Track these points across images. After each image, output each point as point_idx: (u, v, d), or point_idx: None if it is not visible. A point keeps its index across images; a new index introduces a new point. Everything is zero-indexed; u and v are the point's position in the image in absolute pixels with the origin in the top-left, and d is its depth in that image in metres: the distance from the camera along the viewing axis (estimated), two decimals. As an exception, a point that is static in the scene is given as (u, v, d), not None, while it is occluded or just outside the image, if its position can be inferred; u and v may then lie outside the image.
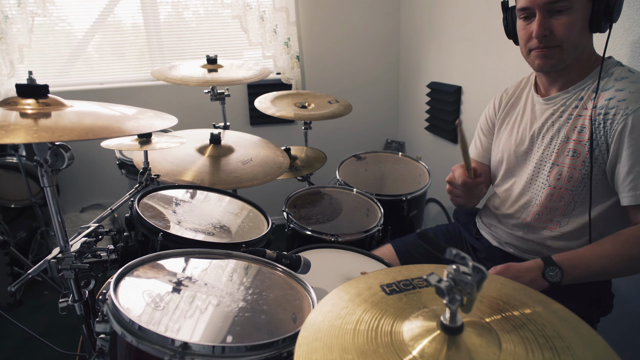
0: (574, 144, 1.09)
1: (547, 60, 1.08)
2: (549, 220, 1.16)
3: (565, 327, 0.59)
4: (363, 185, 1.85)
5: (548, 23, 1.04)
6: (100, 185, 2.80)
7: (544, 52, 1.07)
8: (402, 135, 3.16)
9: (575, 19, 1.02)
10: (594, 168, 1.06)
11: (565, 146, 1.11)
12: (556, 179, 1.12)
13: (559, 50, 1.05)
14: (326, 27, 2.84)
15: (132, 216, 1.15)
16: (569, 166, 1.10)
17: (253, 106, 1.97)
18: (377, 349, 0.54)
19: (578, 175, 1.08)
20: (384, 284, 0.68)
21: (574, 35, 1.03)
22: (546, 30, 1.04)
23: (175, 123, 1.06)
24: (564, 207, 1.13)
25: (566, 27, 1.02)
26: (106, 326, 0.76)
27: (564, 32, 1.03)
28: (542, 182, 1.16)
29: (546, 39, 1.05)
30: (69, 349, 1.30)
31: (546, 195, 1.15)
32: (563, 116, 1.12)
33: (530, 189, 1.19)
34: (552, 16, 1.03)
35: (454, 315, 0.54)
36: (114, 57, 2.70)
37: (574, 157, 1.09)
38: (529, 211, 1.19)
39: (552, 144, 1.14)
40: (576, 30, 1.03)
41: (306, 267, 1.06)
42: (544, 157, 1.16)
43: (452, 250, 0.53)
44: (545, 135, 1.16)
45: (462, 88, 2.28)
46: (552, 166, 1.13)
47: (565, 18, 1.02)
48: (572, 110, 1.11)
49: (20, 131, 0.76)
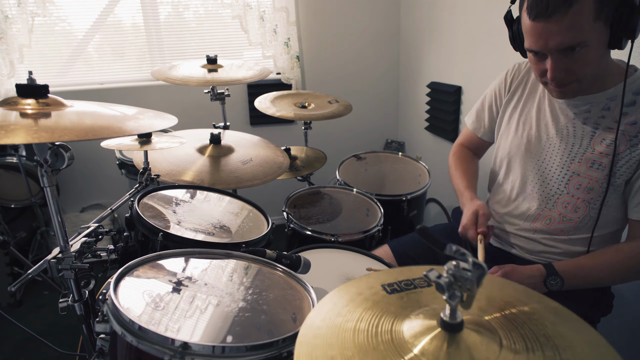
0: (599, 157, 1.06)
1: (564, 93, 1.04)
2: (559, 229, 1.14)
3: (566, 326, 0.59)
4: (363, 185, 1.85)
5: (563, 64, 0.96)
6: (100, 185, 2.80)
7: (561, 87, 1.02)
8: (402, 135, 3.16)
9: (593, 52, 0.94)
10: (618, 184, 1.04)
11: (589, 157, 1.07)
12: (575, 189, 1.10)
13: (577, 84, 1.00)
14: (326, 27, 2.84)
15: (132, 216, 1.15)
16: (591, 178, 1.07)
17: (253, 106, 1.97)
18: (377, 347, 0.54)
19: (599, 188, 1.06)
20: (386, 283, 0.68)
21: (592, 68, 0.97)
22: (562, 72, 0.97)
23: (175, 123, 1.06)
24: (577, 220, 1.11)
25: (584, 64, 0.96)
26: (106, 326, 0.76)
27: (582, 69, 0.96)
28: (558, 189, 1.13)
29: (562, 77, 0.99)
30: (69, 349, 1.30)
31: (563, 203, 1.12)
32: (587, 124, 1.07)
33: (543, 193, 1.16)
34: (567, 56, 0.95)
35: (453, 311, 0.54)
36: (114, 57, 2.70)
37: (598, 170, 1.06)
38: (537, 215, 1.17)
39: (573, 151, 1.10)
40: (595, 62, 0.96)
41: (306, 267, 1.06)
42: (565, 163, 1.11)
43: (451, 246, 0.53)
44: (567, 139, 1.11)
45: (462, 88, 2.28)
46: (573, 175, 1.10)
47: (582, 55, 0.94)
48: (599, 120, 1.06)
49: (20, 131, 0.76)
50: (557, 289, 1.05)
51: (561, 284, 1.05)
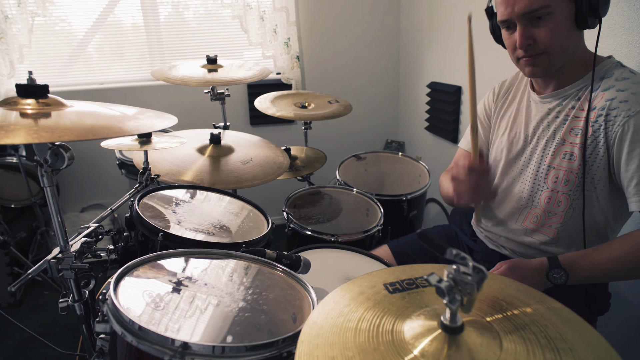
0: (570, 147, 1.07)
1: (535, 68, 1.06)
2: (547, 225, 1.14)
3: (568, 328, 0.58)
4: (363, 185, 1.85)
5: (530, 32, 1.01)
6: (100, 185, 2.80)
7: (531, 59, 1.05)
8: (402, 135, 3.16)
9: (558, 22, 0.98)
10: (593, 171, 1.04)
11: (561, 149, 1.08)
12: (553, 182, 1.10)
13: (546, 57, 1.03)
14: (326, 27, 2.84)
15: (132, 216, 1.15)
16: (565, 169, 1.07)
17: (253, 106, 1.97)
18: (377, 347, 0.54)
19: (575, 178, 1.06)
20: (388, 282, 0.68)
21: (559, 40, 1.00)
22: (529, 40, 1.02)
23: (175, 123, 1.06)
24: (562, 214, 1.10)
25: (549, 33, 0.99)
26: (106, 326, 0.76)
27: (548, 39, 1.00)
28: (539, 185, 1.14)
29: (530, 47, 1.03)
30: (69, 349, 1.30)
31: (544, 198, 1.12)
32: (559, 117, 1.10)
33: (528, 191, 1.17)
34: (533, 24, 1.00)
35: (454, 315, 0.54)
36: (114, 57, 2.70)
37: (570, 160, 1.06)
38: (526, 213, 1.18)
39: (548, 146, 1.12)
40: (561, 33, 1.00)
41: (306, 267, 1.06)
42: (541, 158, 1.13)
43: (452, 250, 0.53)
44: (541, 136, 1.13)
45: (462, 88, 2.28)
46: (549, 169, 1.11)
47: (547, 24, 0.99)
48: (569, 112, 1.08)
49: (20, 131, 0.76)
50: (562, 282, 1.01)
51: (565, 278, 1.01)
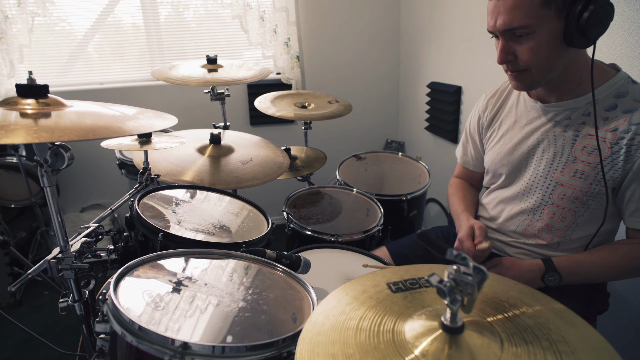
0: (582, 165, 1.03)
1: (519, 83, 1.04)
2: (550, 239, 1.13)
3: (572, 332, 0.58)
4: (363, 185, 1.85)
5: (511, 48, 0.98)
6: (100, 185, 2.80)
7: (514, 75, 1.02)
8: (402, 135, 3.16)
9: (541, 42, 0.94)
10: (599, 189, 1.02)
11: (572, 166, 1.05)
12: (560, 199, 1.08)
13: (529, 74, 1.00)
14: (326, 27, 2.84)
15: (132, 216, 1.15)
16: (575, 187, 1.05)
17: (253, 106, 1.97)
18: (378, 346, 0.54)
19: (583, 197, 1.04)
20: (391, 282, 0.68)
21: (541, 59, 0.96)
22: (509, 56, 0.99)
23: (175, 123, 1.06)
24: (564, 229, 1.10)
25: (529, 52, 0.95)
26: (106, 326, 0.76)
27: (528, 58, 0.96)
28: (544, 199, 1.11)
29: (511, 63, 1.00)
30: (69, 349, 1.30)
31: (548, 213, 1.11)
32: (568, 132, 1.05)
33: (530, 204, 1.14)
34: (515, 40, 0.97)
35: (454, 315, 0.54)
36: (114, 57, 2.70)
37: (581, 179, 1.03)
38: (526, 225, 1.16)
39: (555, 161, 1.08)
40: (544, 53, 0.95)
41: (306, 267, 1.06)
42: (547, 172, 1.09)
43: (452, 250, 0.53)
44: (547, 149, 1.09)
45: (462, 88, 2.28)
46: (556, 185, 1.08)
47: (528, 43, 0.95)
48: (579, 127, 1.03)
49: (20, 131, 0.76)
50: (555, 284, 1.06)
51: (559, 280, 1.05)
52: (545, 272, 1.06)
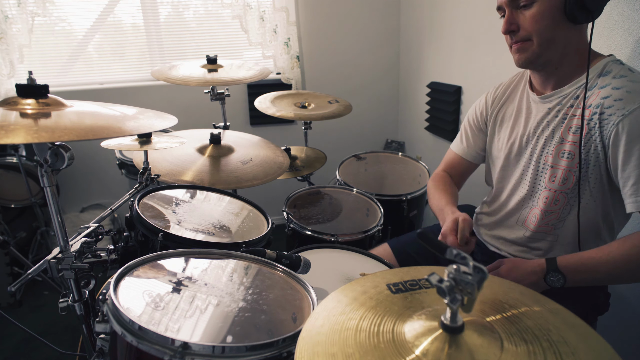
0: (569, 146, 1.06)
1: (521, 55, 1.07)
2: (545, 224, 1.13)
3: (572, 333, 0.58)
4: (363, 185, 1.85)
5: (515, 18, 1.04)
6: (100, 185, 2.80)
7: (517, 46, 1.07)
8: (402, 135, 3.16)
9: (543, 10, 1.00)
10: (590, 170, 1.03)
11: (560, 147, 1.08)
12: (551, 181, 1.10)
13: (530, 44, 1.04)
14: (326, 27, 2.84)
15: (132, 216, 1.15)
16: (564, 168, 1.07)
17: (253, 106, 1.97)
18: (377, 346, 0.54)
19: (573, 177, 1.06)
20: (391, 283, 0.68)
21: (543, 28, 1.01)
22: (512, 25, 1.05)
23: (175, 123, 1.06)
24: (559, 211, 1.10)
25: (532, 19, 1.01)
26: (106, 326, 0.76)
27: (531, 25, 1.02)
28: (540, 185, 1.13)
29: (514, 33, 1.06)
30: (69, 349, 1.30)
31: (543, 198, 1.12)
32: (558, 116, 1.09)
33: (527, 192, 1.16)
34: (519, 10, 1.04)
35: (454, 315, 0.54)
36: (114, 57, 2.70)
37: (569, 159, 1.06)
38: (526, 214, 1.17)
39: (547, 145, 1.11)
40: (546, 21, 1.01)
41: (306, 267, 1.06)
42: (541, 158, 1.12)
43: (452, 250, 0.53)
44: (540, 136, 1.12)
45: (462, 88, 2.28)
46: (549, 168, 1.10)
47: (531, 11, 1.01)
48: (568, 110, 1.07)
49: (20, 131, 0.76)
50: (560, 285, 1.00)
51: (563, 281, 1.00)
52: (547, 272, 1.01)
